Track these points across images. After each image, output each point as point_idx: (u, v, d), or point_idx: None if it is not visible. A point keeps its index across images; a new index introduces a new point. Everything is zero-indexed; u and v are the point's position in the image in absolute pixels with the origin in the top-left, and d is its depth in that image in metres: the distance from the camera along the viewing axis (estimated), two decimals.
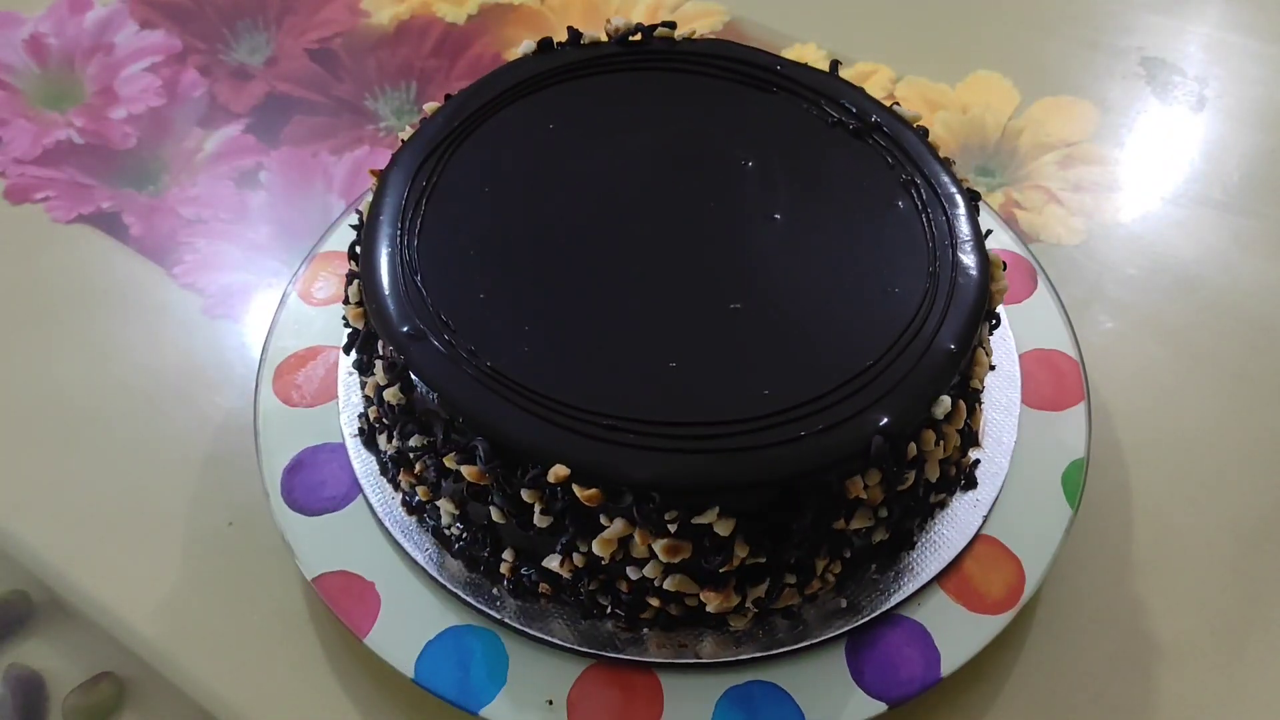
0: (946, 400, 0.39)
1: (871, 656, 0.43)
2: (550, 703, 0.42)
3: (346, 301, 0.45)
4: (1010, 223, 0.59)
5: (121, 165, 0.64)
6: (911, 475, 0.40)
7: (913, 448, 0.39)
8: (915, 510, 0.43)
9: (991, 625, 0.43)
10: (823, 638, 0.43)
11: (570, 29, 0.49)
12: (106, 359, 0.56)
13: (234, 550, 0.49)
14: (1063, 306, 0.52)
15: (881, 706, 0.42)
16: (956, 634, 0.43)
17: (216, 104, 0.67)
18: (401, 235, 0.43)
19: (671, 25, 0.49)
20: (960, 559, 0.45)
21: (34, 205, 0.62)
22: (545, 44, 0.49)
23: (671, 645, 0.43)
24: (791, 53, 0.68)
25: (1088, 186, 0.63)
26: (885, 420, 0.38)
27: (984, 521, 0.46)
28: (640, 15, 0.71)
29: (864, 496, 0.39)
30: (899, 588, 0.44)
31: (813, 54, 0.69)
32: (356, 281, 0.43)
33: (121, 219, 0.61)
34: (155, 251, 0.60)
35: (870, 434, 0.38)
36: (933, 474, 0.41)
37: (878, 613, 0.43)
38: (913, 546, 0.45)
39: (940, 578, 0.44)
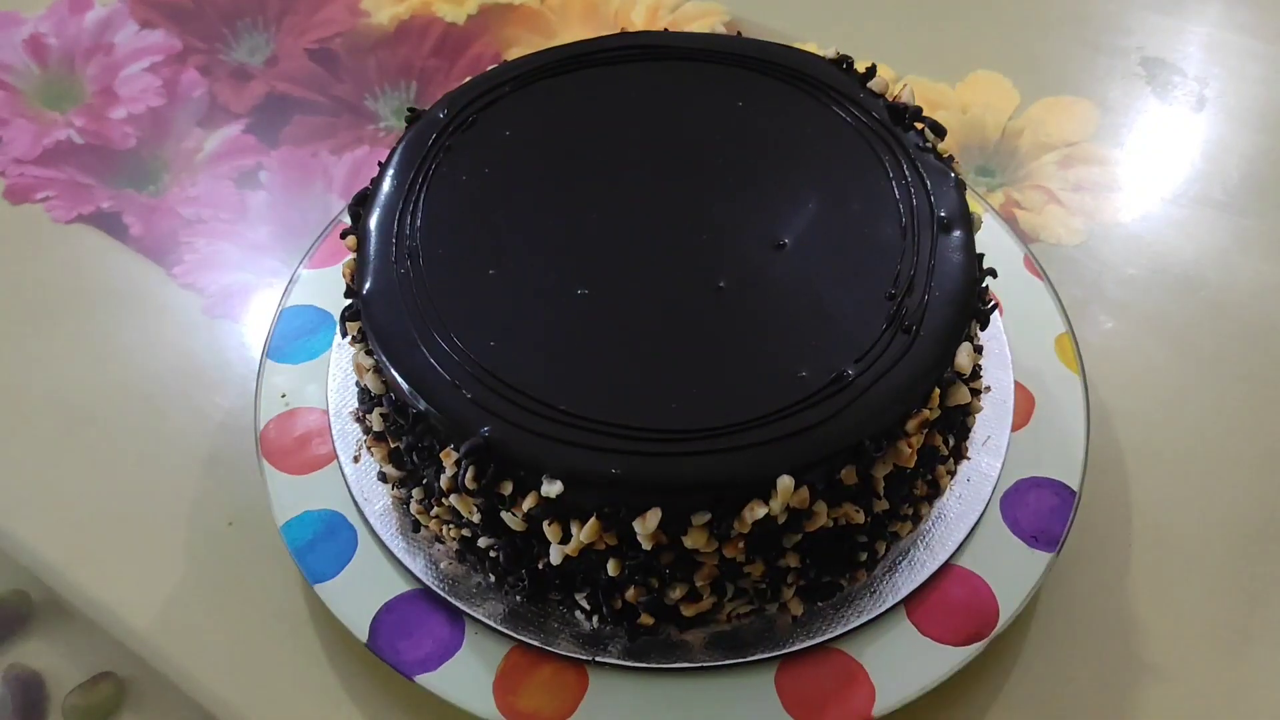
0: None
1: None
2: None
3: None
4: (1010, 223, 0.59)
5: (121, 165, 0.64)
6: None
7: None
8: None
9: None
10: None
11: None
12: (106, 359, 0.56)
13: (234, 550, 0.49)
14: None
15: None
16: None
17: (216, 104, 0.67)
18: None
19: None
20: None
21: (34, 205, 0.62)
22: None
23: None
24: None
25: (1088, 186, 0.63)
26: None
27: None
28: (640, 15, 0.71)
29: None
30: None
31: None
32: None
33: (121, 219, 0.61)
34: (155, 251, 0.60)
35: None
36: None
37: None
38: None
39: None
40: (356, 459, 0.47)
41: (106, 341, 0.57)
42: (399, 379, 0.39)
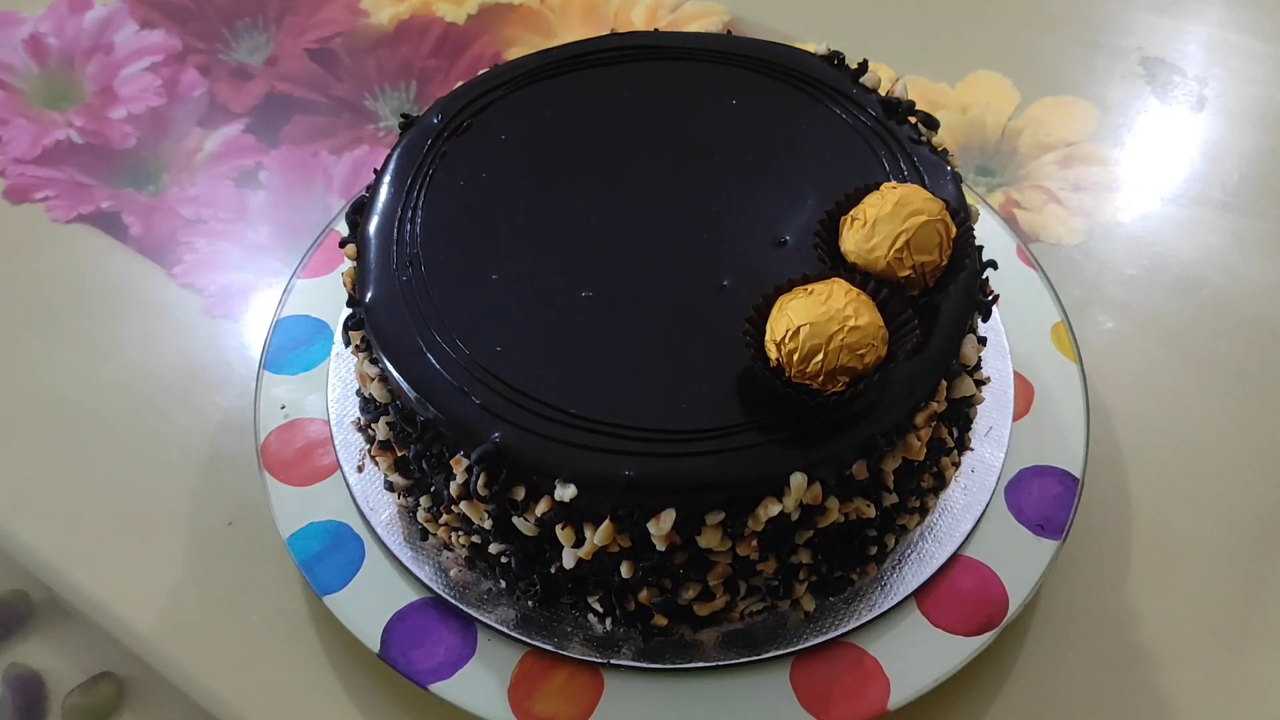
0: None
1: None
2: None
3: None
4: (1010, 223, 0.59)
5: (121, 165, 0.64)
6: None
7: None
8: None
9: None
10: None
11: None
12: (106, 359, 0.56)
13: (234, 550, 0.49)
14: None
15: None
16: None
17: (216, 104, 0.67)
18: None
19: None
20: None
21: (34, 205, 0.62)
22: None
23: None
24: None
25: (1088, 186, 0.63)
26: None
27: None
28: (640, 15, 0.71)
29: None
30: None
31: None
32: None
33: (121, 219, 0.61)
34: (155, 251, 0.60)
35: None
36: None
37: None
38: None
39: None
40: (360, 468, 0.47)
41: (106, 341, 0.56)
42: (405, 387, 0.39)
